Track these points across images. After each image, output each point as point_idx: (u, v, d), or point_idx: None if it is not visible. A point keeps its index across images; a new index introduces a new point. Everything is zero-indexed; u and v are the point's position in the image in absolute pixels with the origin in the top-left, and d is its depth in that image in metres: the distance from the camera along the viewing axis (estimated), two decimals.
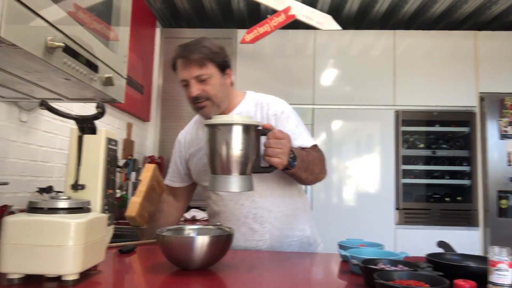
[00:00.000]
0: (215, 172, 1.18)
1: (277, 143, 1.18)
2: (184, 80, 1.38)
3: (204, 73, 1.36)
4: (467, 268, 0.98)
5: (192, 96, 1.37)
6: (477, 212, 3.16)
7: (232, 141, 1.13)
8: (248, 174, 1.17)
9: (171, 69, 1.46)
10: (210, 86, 1.37)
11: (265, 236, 1.42)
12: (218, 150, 1.14)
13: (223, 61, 1.41)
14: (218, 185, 1.16)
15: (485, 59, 3.31)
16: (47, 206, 0.89)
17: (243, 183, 1.15)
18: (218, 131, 1.14)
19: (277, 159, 1.18)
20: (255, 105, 1.48)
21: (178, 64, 1.39)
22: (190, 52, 1.35)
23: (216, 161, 1.16)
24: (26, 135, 1.75)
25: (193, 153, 1.53)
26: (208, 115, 1.40)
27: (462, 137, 3.33)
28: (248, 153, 1.15)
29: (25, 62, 0.96)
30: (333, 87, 3.35)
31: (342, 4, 3.38)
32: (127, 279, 1.04)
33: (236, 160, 1.13)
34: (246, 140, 1.14)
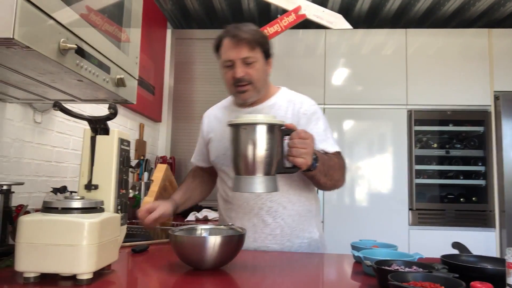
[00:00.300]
0: (239, 173, 1.15)
1: (301, 143, 1.16)
2: (229, 60, 1.37)
3: (252, 56, 1.36)
4: (483, 270, 0.96)
5: (236, 77, 1.36)
6: (493, 213, 3.11)
7: (257, 141, 1.11)
8: (272, 175, 1.15)
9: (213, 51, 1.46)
10: (255, 70, 1.38)
11: (275, 231, 1.41)
12: (243, 150, 1.12)
13: (268, 49, 1.42)
14: (242, 186, 1.14)
15: (499, 57, 3.25)
16: (61, 206, 0.90)
17: (268, 184, 1.13)
18: (243, 131, 1.12)
19: (301, 159, 1.16)
20: (288, 100, 1.48)
21: (225, 44, 1.38)
22: (242, 32, 1.35)
23: (240, 162, 1.14)
24: (40, 136, 1.78)
25: (215, 136, 1.52)
26: (247, 99, 1.42)
27: (476, 136, 3.27)
28: (273, 153, 1.13)
29: (38, 64, 0.97)
30: (344, 86, 3.33)
31: (353, 3, 3.35)
32: (140, 279, 1.05)
33: (261, 161, 1.11)
34: (271, 140, 1.12)
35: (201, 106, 3.50)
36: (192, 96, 3.54)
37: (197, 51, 3.58)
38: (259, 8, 3.50)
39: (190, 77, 3.56)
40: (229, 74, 1.39)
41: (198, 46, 3.58)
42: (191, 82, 3.55)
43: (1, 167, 1.55)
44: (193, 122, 3.51)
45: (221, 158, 1.48)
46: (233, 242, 1.05)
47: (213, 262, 1.03)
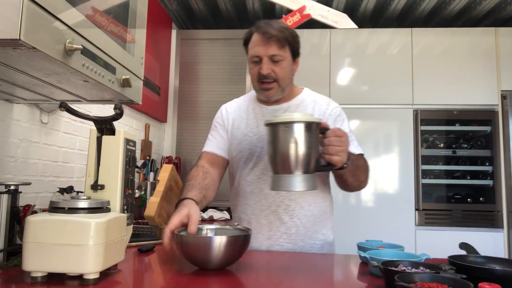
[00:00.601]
0: (277, 172, 1.15)
1: (338, 141, 1.16)
2: (257, 56, 1.37)
3: (280, 55, 1.36)
4: (491, 271, 0.95)
5: (263, 73, 1.36)
6: (501, 213, 3.08)
7: (297, 140, 1.10)
8: (311, 173, 1.14)
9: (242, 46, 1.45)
10: (281, 68, 1.38)
11: (291, 230, 1.41)
12: (283, 149, 1.12)
13: (297, 48, 1.42)
14: (282, 184, 1.13)
15: (506, 56, 3.22)
16: (68, 206, 0.91)
17: (307, 182, 1.13)
18: (283, 130, 1.12)
19: (338, 157, 1.16)
20: (312, 100, 1.50)
21: (254, 39, 1.39)
22: (273, 29, 1.35)
23: (280, 161, 1.13)
24: (47, 136, 1.79)
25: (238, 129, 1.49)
26: (271, 97, 1.42)
27: (483, 136, 3.24)
28: (312, 151, 1.12)
29: (44, 64, 0.97)
30: (349, 86, 3.32)
31: (358, 2, 3.34)
32: (147, 278, 1.05)
33: (300, 159, 1.11)
34: (310, 138, 1.12)
35: (206, 106, 3.51)
36: (197, 96, 3.54)
37: (202, 52, 3.59)
38: (263, 8, 3.50)
39: (195, 77, 3.57)
40: (255, 69, 1.39)
41: (203, 46, 3.59)
42: (196, 82, 3.56)
43: (9, 167, 1.56)
44: (198, 122, 3.52)
45: (244, 153, 1.46)
46: (239, 242, 1.05)
47: (218, 262, 1.03)
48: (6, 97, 1.46)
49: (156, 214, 1.85)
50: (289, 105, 1.47)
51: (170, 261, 1.22)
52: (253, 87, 1.48)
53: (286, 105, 1.47)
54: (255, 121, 1.48)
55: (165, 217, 1.95)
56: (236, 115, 1.53)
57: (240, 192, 1.48)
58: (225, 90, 3.50)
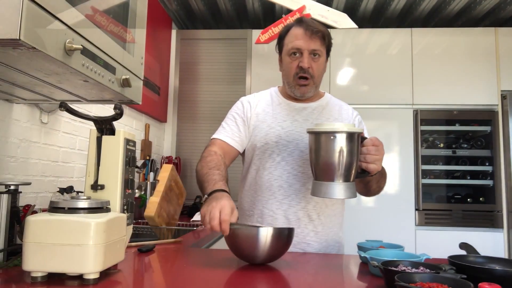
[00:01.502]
0: (319, 179, 1.19)
1: (375, 150, 1.20)
2: (298, 49, 1.40)
3: (321, 51, 1.41)
4: (491, 271, 0.95)
5: (304, 66, 1.39)
6: (501, 213, 3.08)
7: (340, 149, 1.15)
8: (352, 181, 1.19)
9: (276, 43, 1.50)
10: (318, 65, 1.42)
11: (318, 228, 1.41)
12: (325, 158, 1.16)
13: (330, 47, 1.47)
14: (323, 191, 1.18)
15: (506, 56, 3.22)
16: (68, 206, 0.91)
17: (348, 190, 1.17)
18: (327, 139, 1.16)
19: (374, 165, 1.20)
20: (337, 104, 1.55)
21: (295, 32, 1.41)
22: (317, 25, 1.40)
23: (322, 168, 1.18)
24: (47, 136, 1.79)
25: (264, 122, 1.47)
26: (306, 93, 1.45)
27: (483, 136, 3.24)
28: (353, 161, 1.17)
29: (44, 64, 0.97)
30: (349, 86, 3.32)
31: (358, 2, 3.34)
32: (147, 278, 1.05)
33: (342, 168, 1.16)
34: (352, 148, 1.16)
35: (206, 106, 3.51)
36: (197, 96, 3.54)
37: (202, 51, 3.58)
38: (263, 8, 3.50)
39: (195, 77, 3.57)
40: (294, 63, 1.41)
41: (203, 46, 3.59)
42: (196, 82, 3.56)
43: (9, 167, 1.56)
44: (198, 122, 3.52)
45: (270, 145, 1.44)
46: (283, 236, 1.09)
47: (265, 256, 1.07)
48: (6, 97, 1.46)
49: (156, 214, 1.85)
50: (317, 105, 1.51)
51: (171, 261, 1.22)
52: (286, 82, 1.47)
53: (314, 105, 1.51)
54: (282, 116, 1.48)
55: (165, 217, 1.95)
56: (260, 109, 1.50)
57: (263, 186, 1.43)
58: (225, 90, 3.50)
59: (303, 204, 1.40)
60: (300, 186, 1.40)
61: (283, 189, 1.41)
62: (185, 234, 1.83)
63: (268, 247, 1.05)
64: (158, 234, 1.90)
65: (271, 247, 1.06)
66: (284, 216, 1.40)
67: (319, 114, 1.49)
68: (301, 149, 1.42)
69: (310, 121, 1.46)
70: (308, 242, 1.41)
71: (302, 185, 1.40)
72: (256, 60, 3.41)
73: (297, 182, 1.41)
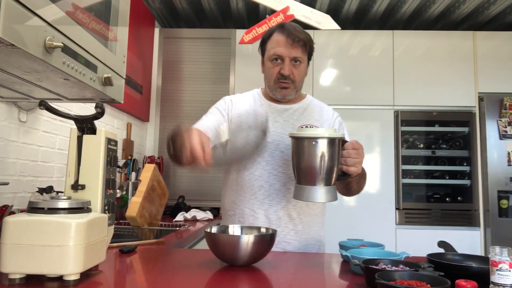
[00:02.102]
0: (301, 183, 1.22)
1: (356, 153, 1.22)
2: (279, 56, 1.41)
3: (302, 58, 1.43)
4: (468, 268, 0.98)
5: (285, 74, 1.40)
6: (478, 212, 3.16)
7: (322, 155, 1.17)
8: (333, 185, 1.21)
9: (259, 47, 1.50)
10: (299, 70, 1.44)
11: (298, 227, 1.43)
12: (307, 163, 1.19)
13: (312, 53, 1.49)
14: (305, 195, 1.20)
15: (483, 59, 3.31)
16: (48, 206, 0.89)
17: (329, 194, 1.20)
18: (309, 145, 1.18)
19: (355, 168, 1.23)
20: (318, 105, 1.56)
21: (277, 39, 1.42)
22: (299, 33, 1.41)
23: (304, 173, 1.20)
24: (25, 135, 1.75)
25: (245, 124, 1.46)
26: (287, 96, 1.46)
27: (461, 137, 3.32)
28: (334, 165, 1.19)
29: (24, 62, 0.95)
30: (332, 87, 3.35)
31: (341, 4, 3.38)
32: (128, 279, 1.04)
33: (324, 172, 1.18)
34: (333, 153, 1.18)
35: (189, 106, 3.49)
36: (180, 96, 3.52)
37: (186, 50, 3.56)
38: (247, 8, 3.50)
39: (178, 77, 3.54)
40: (275, 69, 1.43)
41: (187, 45, 3.57)
42: (179, 81, 3.54)
43: None
44: (181, 121, 3.49)
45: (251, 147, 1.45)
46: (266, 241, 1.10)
47: (246, 259, 1.07)
48: None
49: (138, 214, 1.83)
50: (298, 106, 1.52)
51: (153, 262, 1.22)
52: (267, 85, 1.50)
53: (295, 106, 1.52)
54: None
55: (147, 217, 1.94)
56: (243, 109, 1.51)
57: (244, 186, 1.45)
58: (209, 90, 3.48)
59: (283, 204, 1.42)
60: (281, 186, 1.42)
61: (264, 189, 1.43)
62: (167, 235, 1.82)
63: (249, 252, 1.06)
64: (140, 234, 1.88)
65: (252, 252, 1.06)
66: (265, 216, 1.41)
67: (300, 115, 1.50)
68: (281, 149, 1.44)
69: (291, 123, 1.48)
70: (288, 241, 1.42)
71: (283, 185, 1.42)
72: (240, 60, 3.41)
73: (278, 182, 1.42)
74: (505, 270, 0.82)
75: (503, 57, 3.30)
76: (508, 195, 3.14)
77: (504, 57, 3.30)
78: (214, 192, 3.30)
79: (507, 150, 3.14)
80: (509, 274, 0.81)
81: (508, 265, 0.81)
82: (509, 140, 3.15)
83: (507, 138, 3.15)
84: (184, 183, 3.40)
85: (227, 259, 1.10)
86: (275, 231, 1.14)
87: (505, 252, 0.83)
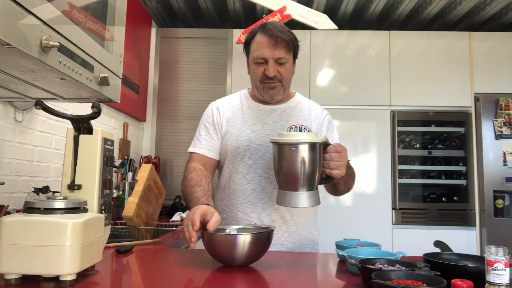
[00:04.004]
0: (284, 188, 1.21)
1: (338, 156, 1.22)
2: (263, 58, 1.40)
3: (286, 58, 1.40)
4: (464, 267, 0.99)
5: (269, 75, 1.40)
6: (474, 212, 3.17)
7: (303, 160, 1.16)
8: (315, 189, 1.21)
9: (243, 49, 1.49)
10: (285, 70, 1.42)
11: (291, 229, 1.43)
12: (288, 168, 1.18)
13: (297, 51, 1.46)
14: (288, 200, 1.20)
15: (479, 59, 3.32)
16: (44, 206, 0.89)
17: (311, 199, 1.19)
18: (290, 150, 1.17)
19: (338, 171, 1.22)
20: (307, 105, 1.55)
21: (260, 40, 1.40)
22: (281, 33, 1.38)
23: (286, 178, 1.20)
24: (21, 135, 1.74)
25: (234, 127, 1.49)
26: (275, 96, 1.46)
27: (457, 137, 3.34)
28: (316, 169, 1.19)
29: (20, 61, 0.95)
30: (329, 87, 3.36)
31: (338, 4, 3.38)
32: (125, 279, 1.04)
33: (305, 178, 1.17)
34: (314, 157, 1.18)
35: (186, 106, 3.48)
36: (177, 95, 3.51)
37: (182, 50, 3.56)
38: (244, 8, 3.50)
39: (175, 76, 3.54)
40: (259, 70, 1.42)
41: (183, 45, 3.56)
42: (176, 81, 3.53)
43: None
44: (178, 121, 3.49)
45: (241, 149, 1.45)
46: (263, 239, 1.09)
47: (244, 259, 1.07)
48: None
49: (134, 214, 1.83)
50: (286, 106, 1.51)
51: (149, 262, 1.21)
52: (254, 86, 1.48)
53: (283, 107, 1.51)
54: (252, 119, 1.49)
55: (143, 217, 1.93)
56: (230, 113, 1.51)
57: (237, 190, 1.45)
58: (206, 89, 3.48)
59: (276, 206, 1.41)
60: (273, 189, 1.41)
61: (256, 192, 1.43)
62: (164, 235, 1.82)
63: (246, 251, 1.05)
64: (137, 234, 1.88)
65: (249, 251, 1.06)
66: (258, 219, 1.41)
67: (289, 115, 1.50)
68: (272, 151, 1.43)
69: (280, 123, 1.47)
70: (282, 243, 1.42)
71: (275, 187, 1.41)
72: (237, 59, 3.41)
73: (270, 185, 1.42)
74: (500, 269, 0.82)
75: (499, 58, 3.32)
76: (504, 195, 3.16)
77: (500, 58, 3.32)
78: None
79: (503, 150, 3.16)
80: (504, 274, 0.82)
81: (504, 265, 0.82)
82: (504, 140, 3.17)
83: (502, 138, 3.17)
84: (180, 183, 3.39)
85: (224, 260, 1.09)
86: (272, 230, 1.13)
87: (501, 252, 0.83)
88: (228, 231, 1.22)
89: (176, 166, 3.46)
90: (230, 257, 1.07)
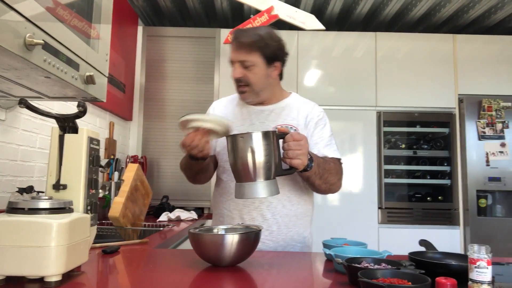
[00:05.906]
0: (240, 180, 1.21)
1: (296, 145, 1.22)
2: (231, 61, 1.43)
3: (249, 60, 1.40)
4: (448, 266, 1.00)
5: (233, 77, 1.43)
6: (458, 211, 3.23)
7: (255, 149, 1.17)
8: (273, 178, 1.21)
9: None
10: (252, 74, 1.41)
11: (273, 228, 1.43)
12: (242, 158, 1.19)
13: (271, 53, 1.43)
14: (246, 192, 1.20)
15: (463, 61, 3.38)
16: (28, 207, 0.87)
17: (270, 188, 1.20)
18: (240, 141, 1.19)
19: (298, 160, 1.22)
20: (298, 104, 1.54)
21: (231, 44, 1.44)
22: (242, 36, 1.40)
23: (241, 170, 1.20)
24: (4, 134, 1.71)
25: None
26: (246, 100, 1.48)
27: (442, 137, 3.39)
28: (271, 158, 1.19)
29: (2, 59, 0.93)
30: (316, 88, 3.38)
31: (325, 5, 3.40)
32: (111, 280, 1.03)
33: (261, 166, 1.18)
34: (268, 146, 1.18)
35: (173, 105, 3.46)
36: (164, 95, 3.49)
37: (169, 49, 3.54)
38: (232, 8, 3.49)
39: (162, 75, 3.51)
40: (232, 73, 1.45)
41: (170, 43, 3.54)
42: (163, 80, 3.51)
43: None
44: (165, 120, 3.46)
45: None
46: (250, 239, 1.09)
47: (231, 259, 1.07)
48: None
49: (121, 214, 1.81)
50: (274, 107, 1.53)
51: (136, 262, 1.21)
52: None
53: (272, 107, 1.52)
54: (240, 120, 1.52)
55: (130, 217, 1.92)
56: (221, 113, 1.56)
57: (225, 188, 1.51)
58: (193, 89, 3.46)
59: (256, 204, 1.44)
60: None
61: None
62: (151, 235, 1.81)
63: (234, 251, 1.05)
64: (123, 235, 1.86)
65: (237, 251, 1.06)
66: (240, 217, 1.45)
67: (277, 116, 1.51)
68: None
69: (266, 124, 1.49)
70: (262, 241, 1.42)
71: None
72: (224, 59, 3.40)
73: None
74: (483, 267, 0.84)
75: (482, 60, 3.38)
76: (487, 195, 3.23)
77: (483, 60, 3.38)
78: (198, 192, 3.28)
79: (486, 150, 3.22)
80: (486, 271, 0.83)
81: (486, 263, 0.84)
82: (487, 141, 3.23)
83: (485, 139, 3.23)
84: (168, 183, 3.37)
85: (212, 260, 1.09)
86: (260, 230, 1.14)
87: (483, 250, 0.85)
88: (216, 231, 1.22)
89: (163, 166, 3.43)
90: (218, 257, 1.07)
